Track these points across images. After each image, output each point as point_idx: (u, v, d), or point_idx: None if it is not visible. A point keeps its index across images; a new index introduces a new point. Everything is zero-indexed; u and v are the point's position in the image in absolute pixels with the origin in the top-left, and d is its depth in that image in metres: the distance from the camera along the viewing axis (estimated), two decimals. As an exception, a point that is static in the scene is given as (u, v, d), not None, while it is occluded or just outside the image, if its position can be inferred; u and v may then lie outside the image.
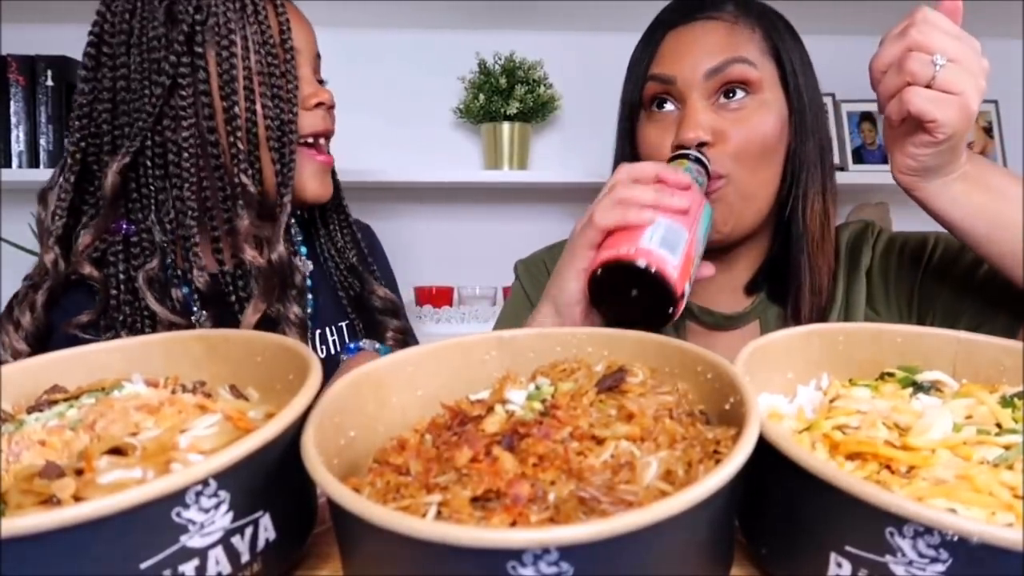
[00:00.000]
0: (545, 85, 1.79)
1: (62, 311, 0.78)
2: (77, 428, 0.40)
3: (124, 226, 0.78)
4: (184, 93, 0.74)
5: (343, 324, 0.90)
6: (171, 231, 0.77)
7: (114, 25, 0.76)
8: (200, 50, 0.75)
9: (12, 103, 1.62)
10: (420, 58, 1.91)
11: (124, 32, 0.75)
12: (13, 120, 1.63)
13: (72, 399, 0.45)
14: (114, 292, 0.76)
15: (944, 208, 0.63)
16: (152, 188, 0.76)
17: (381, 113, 1.90)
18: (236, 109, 0.75)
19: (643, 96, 0.80)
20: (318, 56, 0.86)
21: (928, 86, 0.56)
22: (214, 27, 0.75)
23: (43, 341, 0.77)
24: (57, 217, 0.77)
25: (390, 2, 1.72)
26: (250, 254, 0.75)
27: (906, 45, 0.57)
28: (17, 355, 0.74)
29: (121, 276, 0.77)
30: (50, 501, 0.33)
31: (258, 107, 0.76)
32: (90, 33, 0.77)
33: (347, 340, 0.89)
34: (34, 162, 1.64)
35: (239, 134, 0.75)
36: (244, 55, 0.75)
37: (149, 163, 0.76)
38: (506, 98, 1.74)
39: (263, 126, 0.77)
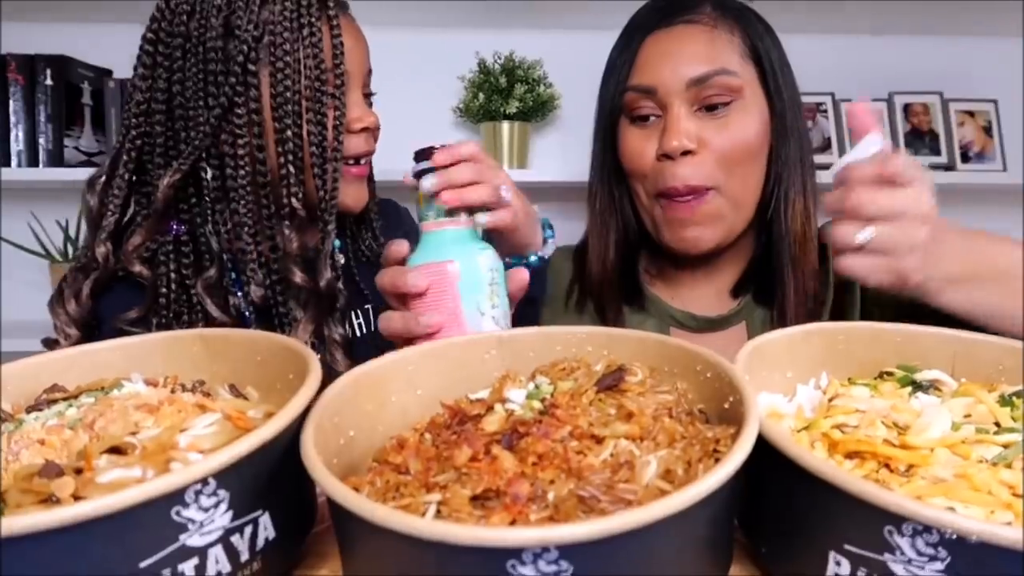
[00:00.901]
0: (545, 84, 1.78)
1: (110, 304, 0.78)
2: (76, 427, 0.40)
3: (175, 227, 0.78)
4: (240, 112, 0.74)
5: (368, 307, 0.90)
6: (228, 242, 0.77)
7: (172, 25, 0.75)
8: (254, 68, 0.74)
9: (11, 102, 1.62)
10: (420, 57, 1.91)
11: (181, 35, 0.75)
12: (12, 119, 1.62)
13: (71, 398, 0.45)
14: (163, 291, 0.76)
15: (939, 306, 0.59)
16: (208, 199, 0.76)
17: (381, 112, 1.89)
18: (288, 132, 0.74)
19: (623, 104, 0.79)
20: (370, 72, 0.86)
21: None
22: (270, 46, 0.74)
23: (91, 329, 0.78)
24: (111, 213, 0.77)
25: (390, 2, 1.72)
26: (299, 277, 0.75)
27: (842, 208, 0.56)
28: (68, 338, 0.76)
29: (172, 276, 0.77)
30: (49, 500, 0.33)
31: (304, 131, 0.75)
32: (148, 29, 0.77)
33: (373, 323, 0.88)
34: (33, 161, 1.64)
35: (289, 156, 0.75)
36: (296, 78, 0.74)
37: (206, 176, 0.76)
38: (506, 97, 1.74)
39: (308, 151, 0.76)
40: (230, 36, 0.74)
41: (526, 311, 0.69)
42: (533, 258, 0.71)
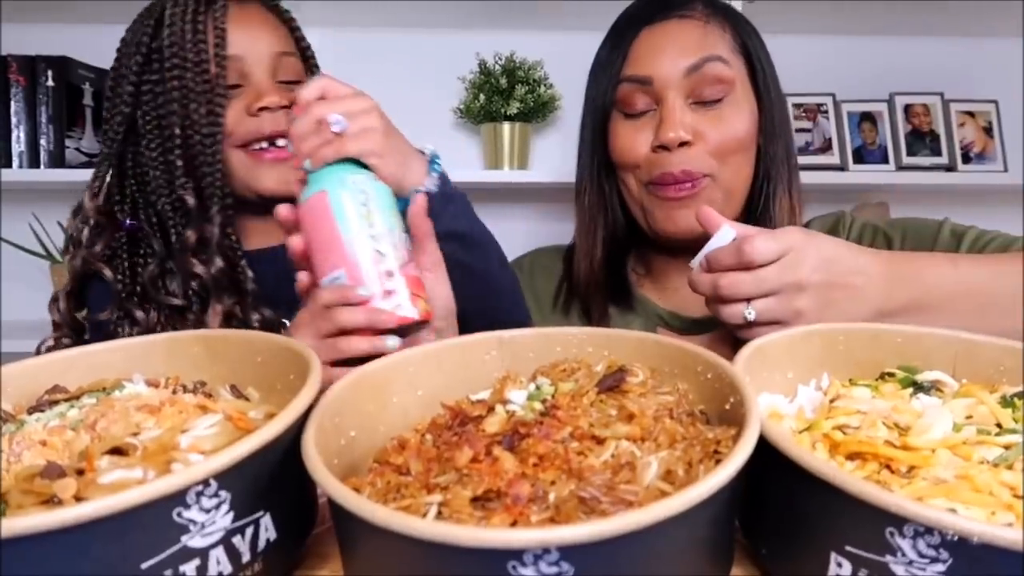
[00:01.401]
0: (545, 85, 1.78)
1: (92, 304, 0.85)
2: (78, 428, 0.40)
3: (127, 223, 0.83)
4: (143, 113, 0.81)
5: None
6: (159, 236, 0.83)
7: (118, 51, 0.85)
8: (156, 77, 0.81)
9: (12, 103, 1.62)
10: (420, 58, 1.91)
11: (119, 58, 0.84)
12: (13, 120, 1.62)
13: (73, 399, 0.45)
14: (119, 287, 0.82)
15: None
16: (139, 198, 0.84)
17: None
18: (174, 130, 0.80)
19: (616, 98, 0.79)
20: (285, 54, 0.85)
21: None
22: (163, 48, 0.80)
23: (81, 330, 0.84)
24: (78, 226, 0.84)
25: (390, 2, 1.72)
26: (198, 268, 0.79)
27: (715, 294, 0.59)
28: (64, 339, 0.84)
29: (127, 271, 0.82)
30: (51, 501, 0.33)
31: (183, 123, 0.80)
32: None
33: None
34: (34, 162, 1.64)
35: (177, 151, 0.80)
36: (178, 72, 0.79)
37: (132, 178, 0.83)
38: (506, 98, 1.74)
39: (195, 141, 0.80)
40: (137, 50, 0.82)
41: (451, 247, 0.67)
42: (416, 193, 0.66)
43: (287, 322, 0.81)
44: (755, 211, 0.80)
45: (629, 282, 0.87)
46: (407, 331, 0.59)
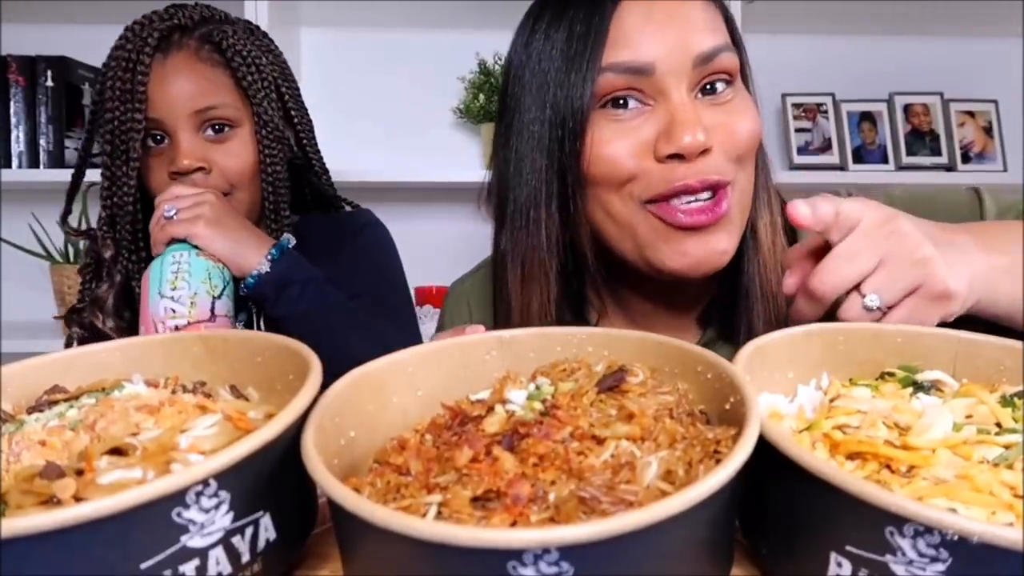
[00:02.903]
0: (545, 85, 1.79)
1: None
2: (77, 428, 0.39)
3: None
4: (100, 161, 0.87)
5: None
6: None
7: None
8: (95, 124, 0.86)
9: (12, 103, 1.62)
10: (420, 58, 1.91)
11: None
12: (13, 120, 1.63)
13: (72, 399, 0.44)
14: (79, 305, 0.92)
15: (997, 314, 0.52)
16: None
17: (381, 113, 1.90)
18: (104, 183, 0.85)
19: (595, 92, 0.60)
20: (208, 108, 0.85)
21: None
22: (100, 103, 0.84)
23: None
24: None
25: (390, 2, 1.72)
26: (97, 322, 0.87)
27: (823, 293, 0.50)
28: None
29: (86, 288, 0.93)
30: (50, 501, 0.33)
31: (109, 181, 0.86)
32: None
33: None
34: (34, 162, 1.64)
35: (104, 202, 0.87)
36: (109, 133, 0.83)
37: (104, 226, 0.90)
38: (506, 98, 1.74)
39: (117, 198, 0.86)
40: (94, 104, 0.87)
41: (285, 325, 0.80)
42: (249, 280, 0.81)
43: None
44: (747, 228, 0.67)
45: (588, 318, 0.72)
46: None
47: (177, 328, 0.72)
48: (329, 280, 0.86)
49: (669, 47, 0.59)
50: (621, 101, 0.61)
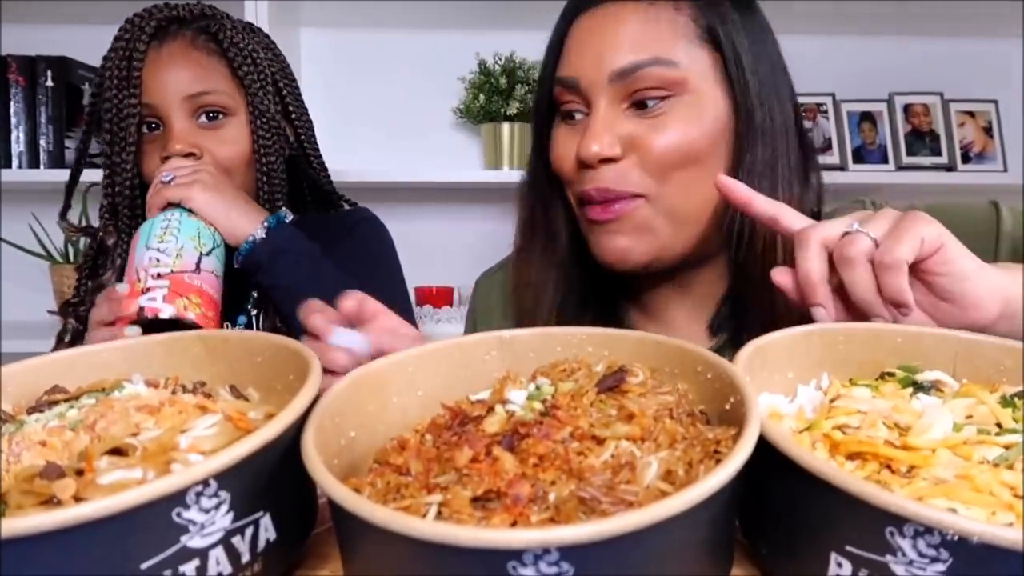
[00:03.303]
0: (545, 85, 1.79)
1: None
2: (77, 429, 0.40)
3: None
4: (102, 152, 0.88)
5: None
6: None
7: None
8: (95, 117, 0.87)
9: (12, 104, 1.62)
10: (420, 58, 1.91)
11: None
12: (13, 121, 1.62)
13: (72, 399, 0.45)
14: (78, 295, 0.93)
15: None
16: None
17: (381, 113, 1.90)
18: (105, 171, 0.87)
19: (552, 100, 0.68)
20: (202, 94, 0.85)
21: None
22: (99, 94, 0.86)
23: None
24: None
25: (390, 2, 1.72)
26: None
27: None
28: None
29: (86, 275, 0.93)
30: (50, 501, 0.33)
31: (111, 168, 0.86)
32: None
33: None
34: (34, 163, 1.64)
35: (105, 191, 0.88)
36: (108, 120, 0.84)
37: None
38: (506, 98, 1.74)
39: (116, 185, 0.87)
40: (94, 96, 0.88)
41: (276, 296, 0.80)
42: (244, 246, 0.80)
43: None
44: (739, 237, 0.65)
45: (622, 318, 0.75)
46: (170, 326, 0.67)
47: (159, 276, 0.70)
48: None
49: (589, 64, 0.64)
50: (569, 109, 0.67)
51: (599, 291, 0.74)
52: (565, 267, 0.73)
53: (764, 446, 0.33)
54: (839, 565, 0.31)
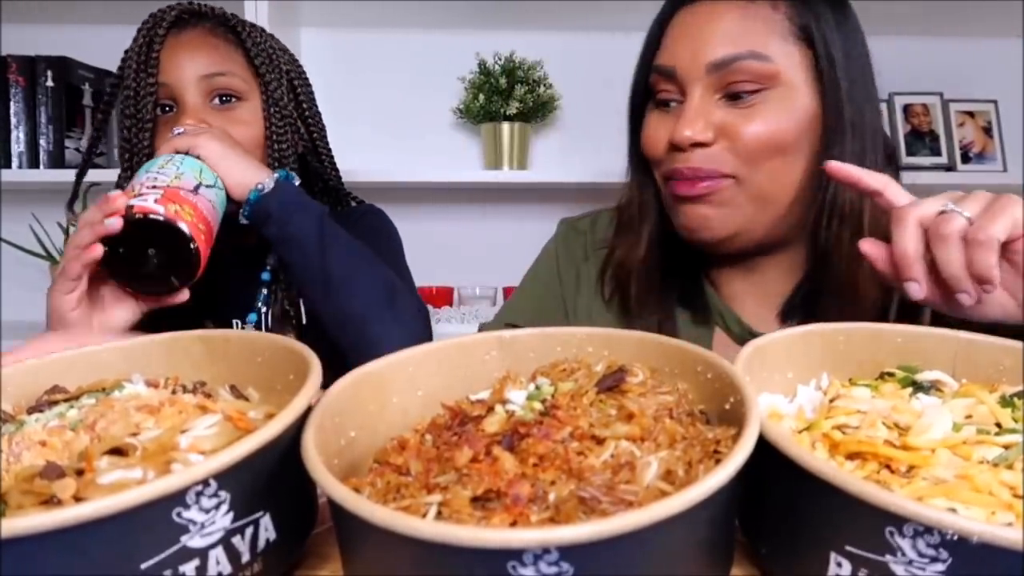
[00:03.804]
0: (545, 85, 1.79)
1: None
2: (77, 428, 0.40)
3: None
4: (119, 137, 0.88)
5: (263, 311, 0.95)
6: None
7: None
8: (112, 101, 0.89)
9: (12, 104, 1.62)
10: (420, 58, 1.91)
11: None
12: (13, 121, 1.62)
13: (72, 399, 0.45)
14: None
15: None
16: None
17: (381, 113, 1.90)
18: (124, 155, 0.86)
19: (648, 87, 0.73)
20: (216, 75, 0.87)
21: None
22: (120, 79, 0.87)
23: None
24: None
25: (390, 2, 1.72)
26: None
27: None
28: None
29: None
30: (50, 501, 0.33)
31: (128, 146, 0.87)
32: None
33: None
34: (34, 163, 1.64)
35: (123, 175, 0.87)
36: (124, 102, 0.85)
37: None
38: (506, 98, 1.74)
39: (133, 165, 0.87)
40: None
41: (283, 248, 0.79)
42: (252, 194, 0.78)
43: (239, 323, 0.92)
44: (818, 226, 0.69)
45: (701, 285, 0.79)
46: (163, 237, 0.67)
47: (155, 187, 0.69)
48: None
49: (688, 55, 0.68)
50: (664, 97, 0.72)
51: (680, 270, 0.79)
52: (653, 240, 0.78)
53: (764, 446, 0.33)
54: (839, 565, 0.32)
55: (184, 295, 0.73)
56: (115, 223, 0.65)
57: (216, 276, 0.92)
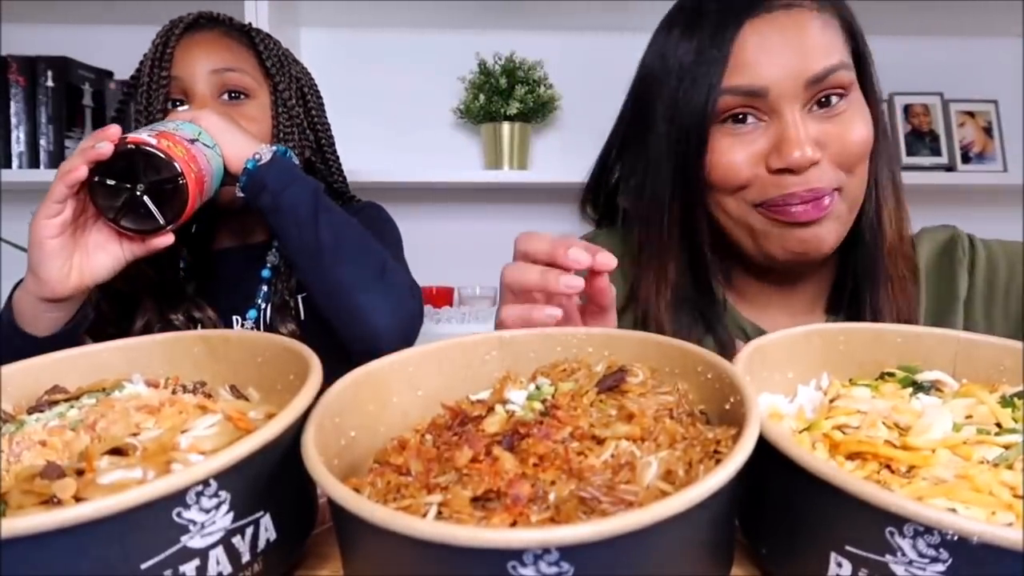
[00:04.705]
0: (545, 85, 1.78)
1: None
2: (78, 428, 0.40)
3: None
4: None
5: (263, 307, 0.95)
6: None
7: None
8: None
9: (12, 104, 1.62)
10: (420, 58, 1.91)
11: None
12: (13, 121, 1.62)
13: (73, 399, 0.45)
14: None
15: None
16: None
17: (381, 113, 1.90)
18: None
19: (716, 110, 0.67)
20: (226, 70, 0.88)
21: None
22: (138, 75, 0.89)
23: None
24: None
25: (390, 2, 1.72)
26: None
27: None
28: None
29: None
30: (51, 501, 0.33)
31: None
32: None
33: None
34: (34, 162, 1.64)
35: None
36: (140, 94, 0.87)
37: None
38: (506, 98, 1.74)
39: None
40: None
41: (277, 220, 0.78)
42: (249, 163, 0.78)
43: (237, 319, 0.92)
44: (865, 217, 0.71)
45: (716, 292, 0.77)
46: (154, 171, 0.67)
47: (152, 131, 0.69)
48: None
49: (783, 72, 0.64)
50: (740, 116, 0.67)
51: (707, 293, 0.77)
52: (695, 258, 0.74)
53: (764, 446, 0.33)
54: (839, 565, 0.32)
55: (169, 238, 0.71)
56: (106, 147, 0.65)
57: (218, 271, 0.92)
